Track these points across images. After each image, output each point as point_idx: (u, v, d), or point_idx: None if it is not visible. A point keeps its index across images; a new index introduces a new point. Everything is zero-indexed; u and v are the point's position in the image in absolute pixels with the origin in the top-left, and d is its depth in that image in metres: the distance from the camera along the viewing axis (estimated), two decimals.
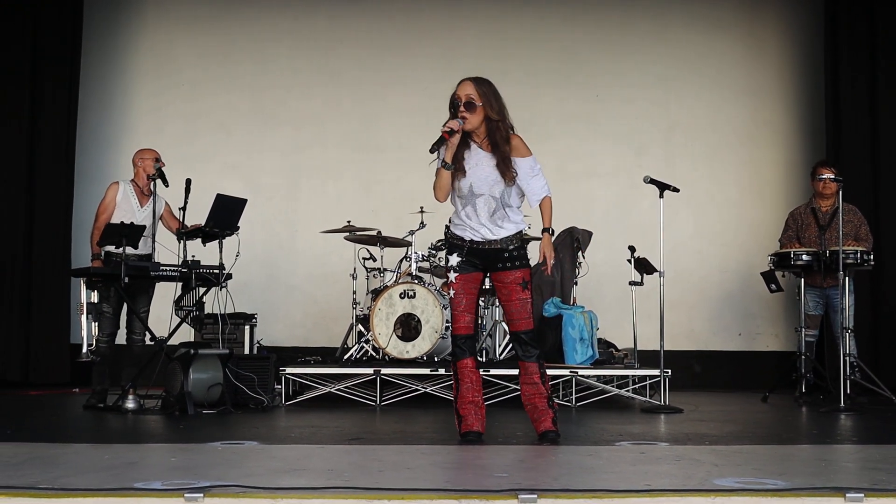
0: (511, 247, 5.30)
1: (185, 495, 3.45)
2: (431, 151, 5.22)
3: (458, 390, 5.37)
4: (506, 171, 5.23)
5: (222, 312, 7.38)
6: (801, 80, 10.49)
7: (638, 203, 9.80)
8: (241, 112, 10.56)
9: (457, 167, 5.26)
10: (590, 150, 10.49)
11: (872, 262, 8.06)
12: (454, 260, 5.33)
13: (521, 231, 5.37)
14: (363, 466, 4.37)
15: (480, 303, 8.53)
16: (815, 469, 4.38)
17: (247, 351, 8.42)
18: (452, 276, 5.33)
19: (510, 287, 5.30)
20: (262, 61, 10.60)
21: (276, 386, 7.62)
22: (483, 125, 5.29)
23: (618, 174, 10.26)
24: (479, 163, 5.27)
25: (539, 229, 5.48)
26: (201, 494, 3.46)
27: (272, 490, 3.54)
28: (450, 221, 5.45)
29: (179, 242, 7.38)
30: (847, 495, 3.47)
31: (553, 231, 5.47)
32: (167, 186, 7.53)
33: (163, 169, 7.56)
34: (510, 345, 8.14)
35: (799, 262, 8.06)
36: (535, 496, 3.44)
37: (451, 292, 5.34)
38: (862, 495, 3.47)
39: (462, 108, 5.22)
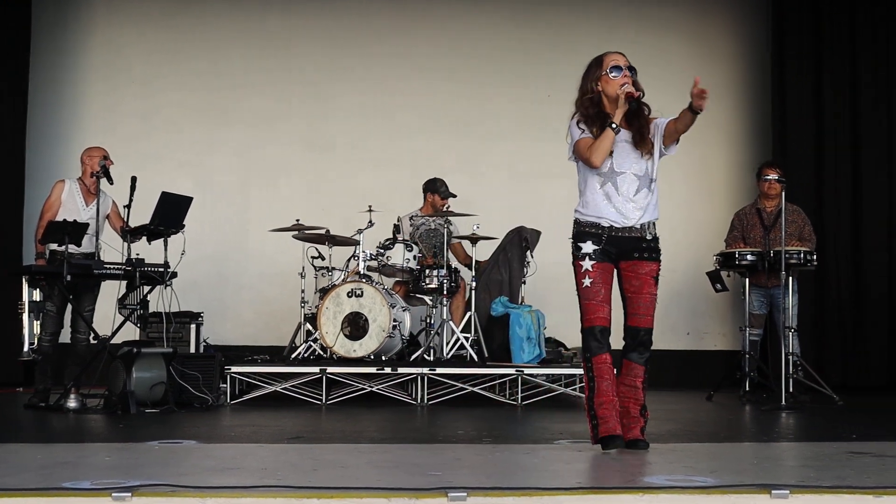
0: (650, 236, 4.92)
1: (113, 495, 3.42)
2: (631, 103, 4.78)
3: (593, 390, 4.83)
4: (642, 143, 4.88)
5: (167, 311, 7.33)
6: (749, 81, 10.59)
7: None
8: (193, 110, 10.50)
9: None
10: (541, 150, 10.49)
11: (816, 262, 8.15)
12: (589, 248, 4.87)
13: (657, 219, 4.99)
14: (297, 465, 4.36)
15: (427, 300, 8.61)
16: (747, 466, 4.43)
17: (192, 350, 8.36)
18: (589, 263, 4.85)
19: (643, 279, 4.91)
20: (214, 59, 10.55)
21: (221, 385, 7.58)
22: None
23: (569, 174, 10.14)
24: (619, 139, 4.87)
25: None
26: (129, 494, 3.43)
27: (201, 489, 3.52)
28: (580, 209, 4.95)
29: (124, 241, 7.34)
30: (773, 492, 3.51)
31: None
32: (112, 184, 7.48)
33: (108, 167, 7.49)
34: (457, 343, 8.15)
35: (743, 262, 8.15)
36: (465, 494, 3.45)
37: (587, 281, 4.84)
38: (787, 492, 3.51)
39: (628, 73, 4.84)
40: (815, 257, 8.10)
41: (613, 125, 4.79)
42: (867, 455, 4.68)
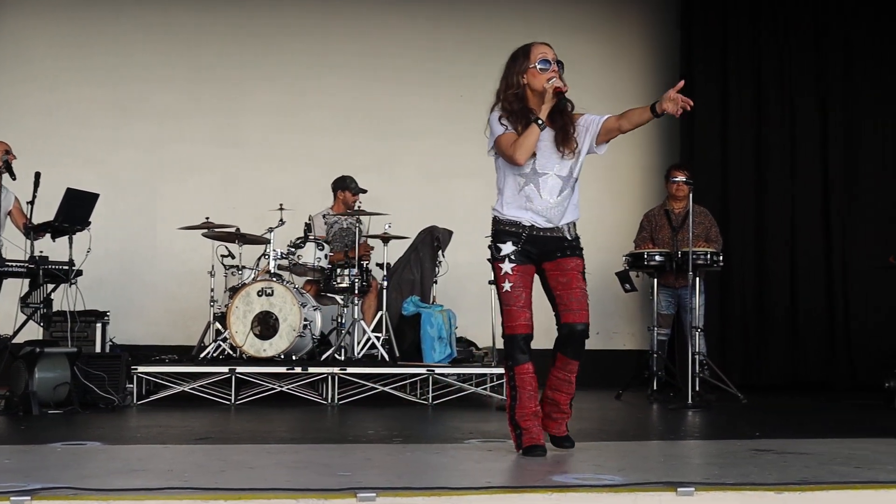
0: (570, 236, 4.69)
1: (12, 499, 3.32)
2: (560, 100, 4.64)
3: (516, 399, 4.66)
4: (565, 141, 4.66)
5: (72, 310, 7.19)
6: (659, 84, 10.71)
7: None
8: (101, 105, 10.29)
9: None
10: (454, 149, 10.53)
11: (722, 264, 8.30)
12: (509, 248, 4.65)
13: (577, 219, 4.77)
14: (205, 466, 4.30)
15: (339, 300, 8.57)
16: (654, 465, 4.49)
17: (98, 349, 8.21)
18: (508, 266, 4.63)
19: (570, 274, 4.64)
20: (122, 54, 10.35)
21: (127, 385, 7.44)
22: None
23: (481, 174, 10.19)
24: (542, 138, 4.65)
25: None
26: (28, 497, 3.34)
27: (104, 492, 3.45)
28: (498, 207, 4.74)
29: (27, 238, 7.17)
30: (678, 490, 3.56)
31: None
32: (14, 179, 7.31)
33: (11, 162, 7.31)
34: (368, 342, 8.12)
35: (652, 263, 8.27)
36: (374, 494, 3.43)
37: (507, 285, 4.61)
38: (692, 490, 3.56)
39: (556, 68, 4.64)
40: (721, 258, 8.25)
41: (539, 121, 4.58)
42: (770, 452, 4.78)
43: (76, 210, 7.19)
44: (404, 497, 3.48)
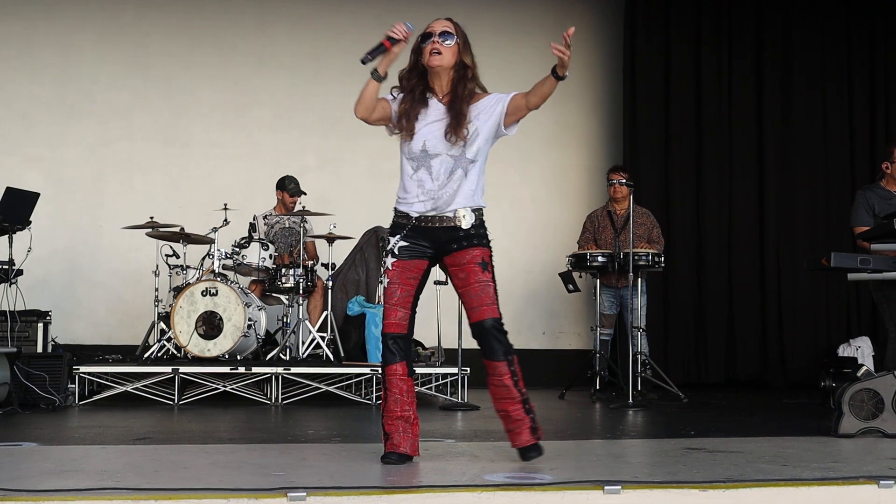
0: (466, 224, 4.44)
1: None
2: (364, 62, 4.49)
3: (386, 400, 4.47)
4: (456, 129, 4.43)
5: (12, 310, 7.14)
6: (603, 86, 10.84)
7: None
8: (44, 102, 10.20)
9: (407, 126, 4.48)
10: (399, 150, 10.55)
11: (664, 264, 8.40)
12: (395, 243, 4.46)
13: (481, 208, 4.52)
14: (139, 467, 4.30)
15: (284, 300, 8.57)
16: (587, 463, 4.55)
17: (39, 349, 8.14)
18: (390, 261, 4.45)
19: (467, 268, 4.42)
20: (66, 52, 10.26)
21: (69, 385, 7.40)
22: (450, 75, 4.53)
23: None
24: (436, 118, 4.48)
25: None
26: None
27: (35, 493, 3.46)
28: (398, 194, 4.61)
29: None
30: (605, 488, 3.63)
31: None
32: None
33: None
34: (313, 342, 8.14)
35: (595, 263, 8.35)
36: (305, 494, 3.47)
37: (385, 281, 4.44)
38: (619, 488, 3.63)
39: (437, 39, 4.51)
40: (662, 259, 8.34)
41: (374, 72, 4.45)
42: (701, 451, 4.86)
43: (16, 209, 7.13)
44: (335, 496, 3.51)
